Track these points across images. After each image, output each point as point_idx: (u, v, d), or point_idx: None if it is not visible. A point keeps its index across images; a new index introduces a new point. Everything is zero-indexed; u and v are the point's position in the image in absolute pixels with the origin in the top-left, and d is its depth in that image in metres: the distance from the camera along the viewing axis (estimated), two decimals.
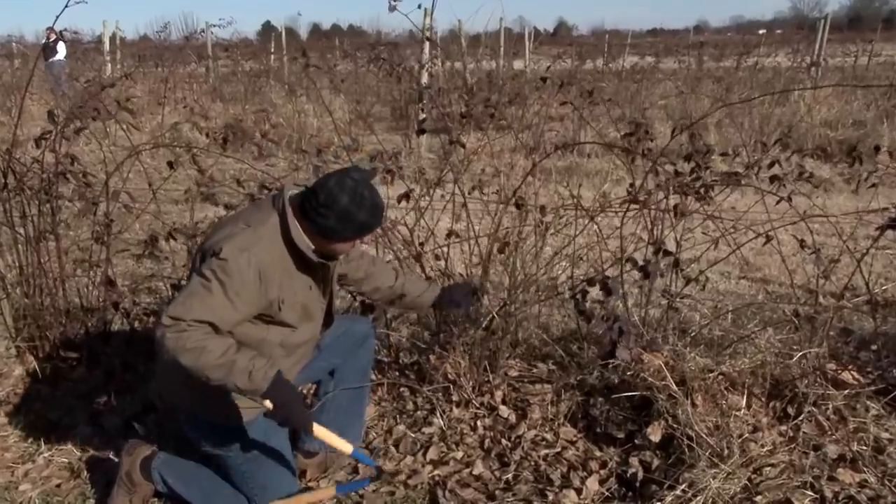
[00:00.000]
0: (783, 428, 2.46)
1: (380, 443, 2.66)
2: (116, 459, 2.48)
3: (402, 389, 2.93)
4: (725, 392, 2.49)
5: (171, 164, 2.94)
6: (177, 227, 2.86)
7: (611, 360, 2.64)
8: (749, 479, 2.20)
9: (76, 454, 2.60)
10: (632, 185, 2.75)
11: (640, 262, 2.65)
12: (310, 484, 2.45)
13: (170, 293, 3.09)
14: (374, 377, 2.97)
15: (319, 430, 1.99)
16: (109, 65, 12.63)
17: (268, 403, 1.85)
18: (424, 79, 8.14)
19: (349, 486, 2.27)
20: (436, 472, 2.49)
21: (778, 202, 2.63)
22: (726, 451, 2.24)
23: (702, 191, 2.62)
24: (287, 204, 1.91)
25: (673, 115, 9.27)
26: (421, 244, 2.96)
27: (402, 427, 2.72)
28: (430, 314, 2.52)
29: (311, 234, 1.92)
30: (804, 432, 2.43)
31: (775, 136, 7.58)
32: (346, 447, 2.08)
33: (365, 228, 1.91)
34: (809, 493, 2.18)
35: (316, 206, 1.85)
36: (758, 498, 2.15)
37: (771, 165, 2.69)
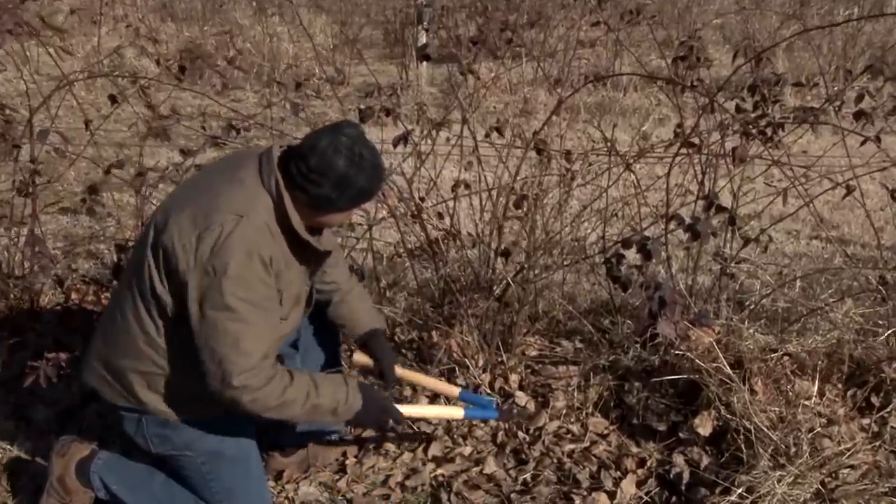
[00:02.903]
0: (865, 421, 2.45)
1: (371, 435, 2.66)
2: (45, 462, 2.43)
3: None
4: (792, 377, 2.48)
5: (112, 99, 2.88)
6: (121, 159, 2.79)
7: (651, 337, 2.63)
8: (822, 484, 2.19)
9: None
10: (679, 125, 2.72)
11: (688, 220, 2.62)
12: (286, 486, 2.46)
13: (114, 257, 3.06)
14: None
15: (408, 410, 2.32)
16: None
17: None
18: None
19: (477, 412, 2.47)
20: (439, 471, 2.50)
21: (863, 143, 2.57)
22: (793, 449, 2.23)
23: (768, 131, 2.57)
24: (281, 183, 1.90)
25: (731, 38, 9.08)
26: (421, 198, 2.93)
27: None
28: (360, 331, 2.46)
29: (300, 205, 1.94)
30: (892, 427, 2.41)
31: (863, 60, 7.39)
32: (456, 412, 2.41)
33: (364, 195, 1.96)
34: None
35: (306, 173, 1.88)
36: None
37: (859, 99, 2.62)
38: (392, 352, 2.49)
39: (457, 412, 2.43)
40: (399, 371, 2.43)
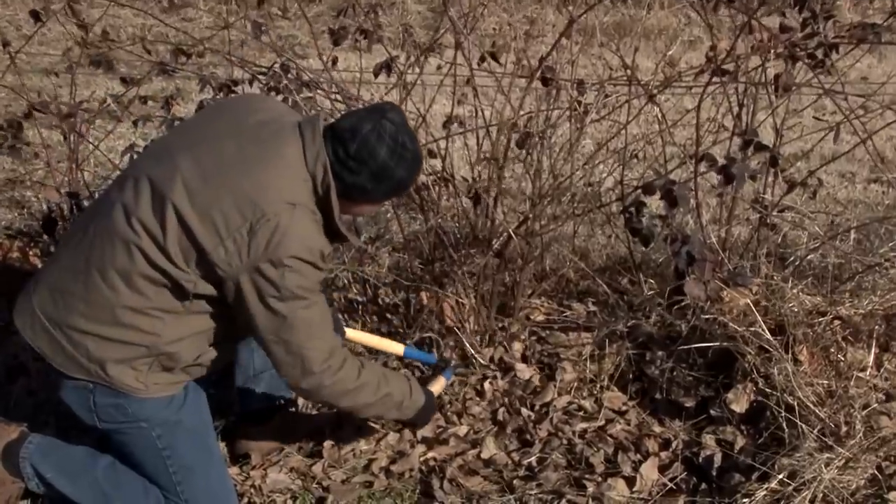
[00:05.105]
0: None
1: None
2: None
3: None
4: (843, 344, 2.48)
5: (35, 15, 2.81)
6: (44, 101, 2.74)
7: (677, 299, 2.62)
8: (878, 469, 2.19)
9: None
10: (712, 48, 2.67)
11: (721, 160, 2.60)
12: (252, 472, 2.47)
13: (43, 206, 3.03)
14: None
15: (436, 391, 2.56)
16: None
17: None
18: None
19: (418, 355, 2.73)
20: (430, 454, 2.51)
21: None
22: (844, 429, 2.23)
23: (818, 53, 2.52)
24: (330, 173, 1.96)
25: None
26: None
27: None
28: None
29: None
30: None
31: None
32: (443, 381, 2.61)
33: (400, 188, 2.09)
34: None
35: (344, 159, 1.97)
36: (891, 495, 2.14)
37: None
38: (334, 309, 2.65)
39: (443, 381, 2.62)
40: (347, 332, 2.59)
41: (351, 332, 2.61)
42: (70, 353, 1.99)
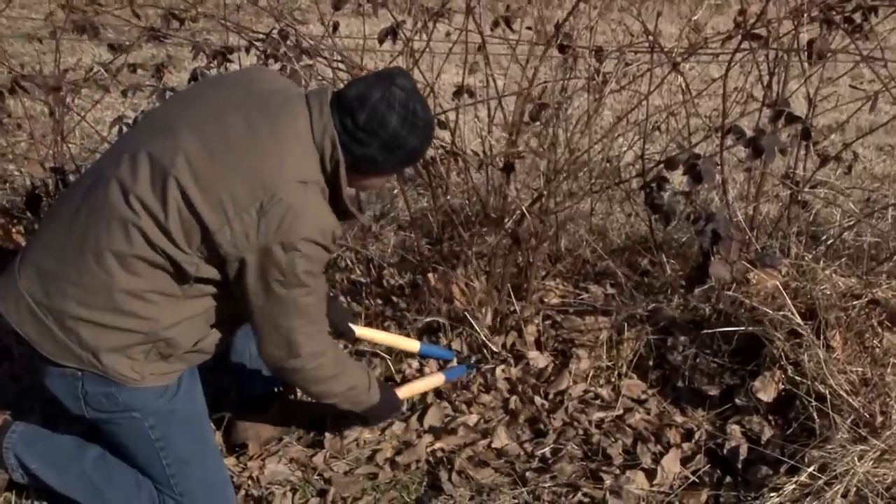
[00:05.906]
0: None
1: None
2: None
3: (387, 324, 2.93)
4: (879, 329, 2.46)
5: None
6: (30, 74, 2.74)
7: (700, 281, 2.61)
8: None
9: None
10: (741, 11, 2.64)
11: (750, 133, 2.57)
12: (249, 463, 2.47)
13: (27, 182, 3.02)
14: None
15: (405, 393, 2.56)
16: None
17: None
18: None
19: (434, 352, 2.80)
20: (438, 444, 2.51)
21: None
22: (879, 419, 2.22)
23: (856, 17, 2.50)
24: (339, 148, 1.97)
25: None
26: None
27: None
28: None
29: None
30: None
31: None
32: (438, 379, 2.65)
33: (412, 158, 2.10)
34: None
35: (353, 131, 1.97)
36: None
37: None
38: (343, 307, 2.70)
39: (437, 378, 2.66)
40: (355, 330, 2.60)
41: (361, 331, 2.61)
42: (61, 339, 1.97)
